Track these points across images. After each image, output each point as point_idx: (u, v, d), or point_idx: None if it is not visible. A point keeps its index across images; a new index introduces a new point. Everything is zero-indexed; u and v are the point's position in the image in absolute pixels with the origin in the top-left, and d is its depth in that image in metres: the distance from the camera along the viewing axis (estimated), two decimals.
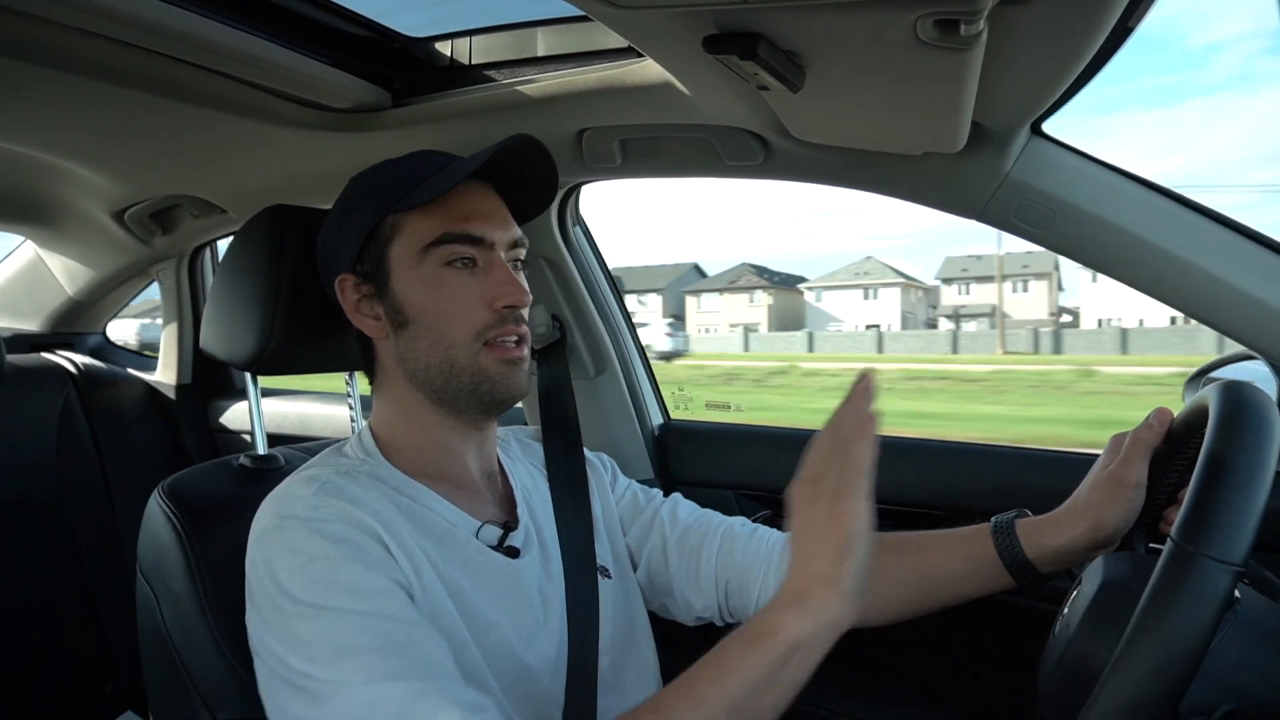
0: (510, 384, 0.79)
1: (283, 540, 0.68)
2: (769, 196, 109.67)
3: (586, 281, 1.45)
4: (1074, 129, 14.76)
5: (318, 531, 0.67)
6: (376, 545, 0.69)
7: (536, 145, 0.80)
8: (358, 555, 0.67)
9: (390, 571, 0.68)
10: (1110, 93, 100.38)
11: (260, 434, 1.06)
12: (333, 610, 0.63)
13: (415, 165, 0.81)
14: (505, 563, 0.79)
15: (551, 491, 0.91)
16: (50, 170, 1.47)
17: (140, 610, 0.90)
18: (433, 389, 0.79)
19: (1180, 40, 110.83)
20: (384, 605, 0.65)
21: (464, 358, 0.77)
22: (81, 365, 1.84)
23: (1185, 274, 0.93)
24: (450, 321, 0.77)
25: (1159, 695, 0.52)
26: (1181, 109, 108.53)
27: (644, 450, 1.47)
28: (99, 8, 0.82)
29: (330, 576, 0.65)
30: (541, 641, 0.78)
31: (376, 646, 0.62)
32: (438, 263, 0.77)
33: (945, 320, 37.11)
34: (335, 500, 0.71)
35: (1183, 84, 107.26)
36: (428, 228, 0.77)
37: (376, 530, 0.70)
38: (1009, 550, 0.80)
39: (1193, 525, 0.56)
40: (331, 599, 0.64)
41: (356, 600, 0.64)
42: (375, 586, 0.66)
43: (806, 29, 0.65)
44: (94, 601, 1.72)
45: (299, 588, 0.65)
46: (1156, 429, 0.78)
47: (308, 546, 0.67)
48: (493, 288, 0.77)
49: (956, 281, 38.57)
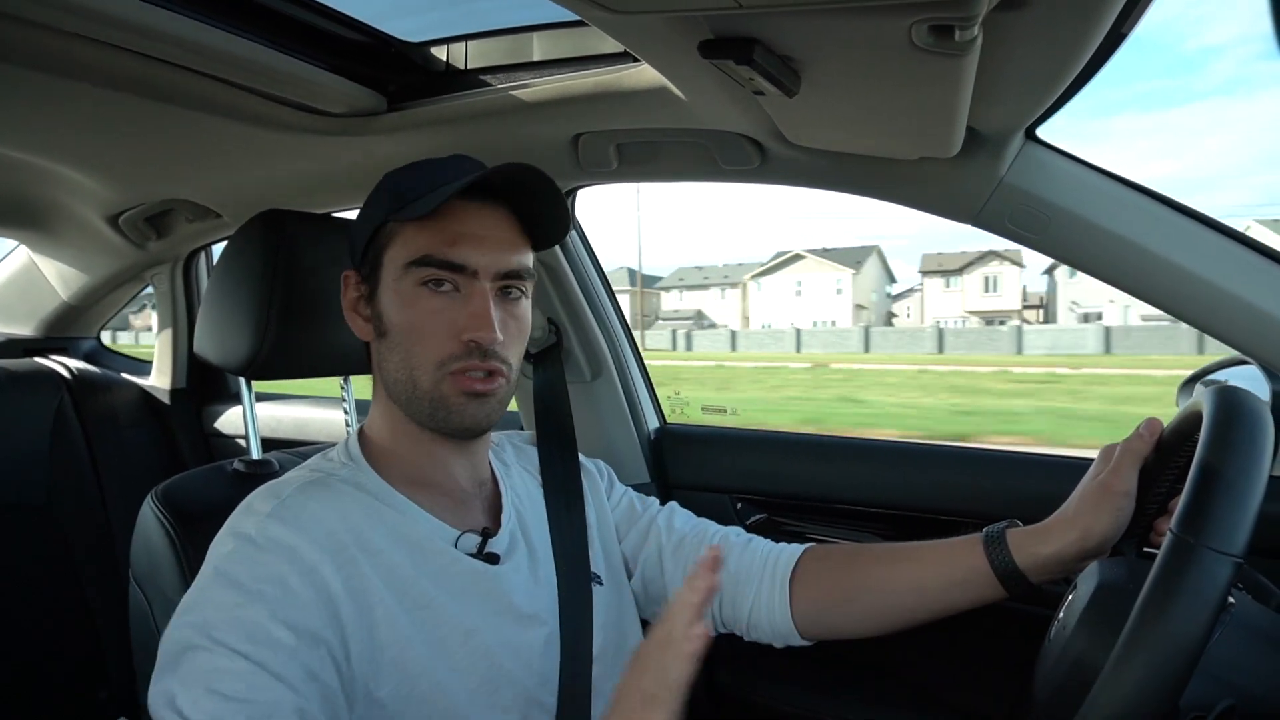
0: (468, 416, 0.76)
1: (220, 552, 0.69)
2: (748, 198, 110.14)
3: (582, 286, 1.44)
4: (1069, 132, 15.11)
5: (247, 559, 0.67)
6: (304, 586, 0.67)
7: (537, 175, 0.75)
8: (275, 596, 0.66)
9: (301, 618, 0.66)
10: (1108, 96, 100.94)
11: (254, 439, 1.05)
12: (224, 648, 0.63)
13: (436, 171, 0.79)
14: (483, 569, 0.78)
15: (545, 497, 0.90)
16: (44, 174, 1.46)
17: (133, 616, 0.89)
18: (400, 403, 0.78)
19: (1178, 44, 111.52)
20: (272, 658, 0.63)
21: (426, 382, 0.75)
22: (75, 370, 1.83)
23: (1179, 279, 0.93)
24: (415, 342, 0.75)
25: (1161, 688, 0.53)
26: (1178, 113, 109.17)
27: (640, 454, 1.47)
28: (93, 12, 0.82)
29: (238, 611, 0.64)
30: (524, 646, 0.78)
31: (241, 696, 0.61)
32: (415, 281, 0.75)
33: (663, 321, 42.21)
34: (286, 527, 0.70)
35: (1180, 89, 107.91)
36: (416, 244, 0.75)
37: (316, 566, 0.68)
38: (1000, 560, 0.80)
39: (1192, 517, 0.57)
40: (227, 636, 0.63)
41: (250, 645, 0.63)
42: (274, 637, 0.64)
43: (802, 34, 0.65)
44: (87, 607, 1.71)
45: (209, 609, 0.65)
46: (1147, 439, 0.78)
47: (234, 572, 0.67)
48: (464, 319, 0.74)
49: (676, 289, 45.07)
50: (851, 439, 1.43)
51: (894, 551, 0.89)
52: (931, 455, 1.29)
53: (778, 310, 38.92)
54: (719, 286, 42.88)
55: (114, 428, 1.84)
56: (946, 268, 37.43)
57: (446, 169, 0.80)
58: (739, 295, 41.65)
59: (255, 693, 0.61)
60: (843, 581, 0.89)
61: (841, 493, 1.32)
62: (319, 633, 0.66)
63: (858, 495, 1.31)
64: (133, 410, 1.91)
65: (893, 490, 1.28)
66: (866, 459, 1.34)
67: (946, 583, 0.84)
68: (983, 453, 1.29)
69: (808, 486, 1.35)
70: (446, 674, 0.71)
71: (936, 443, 1.34)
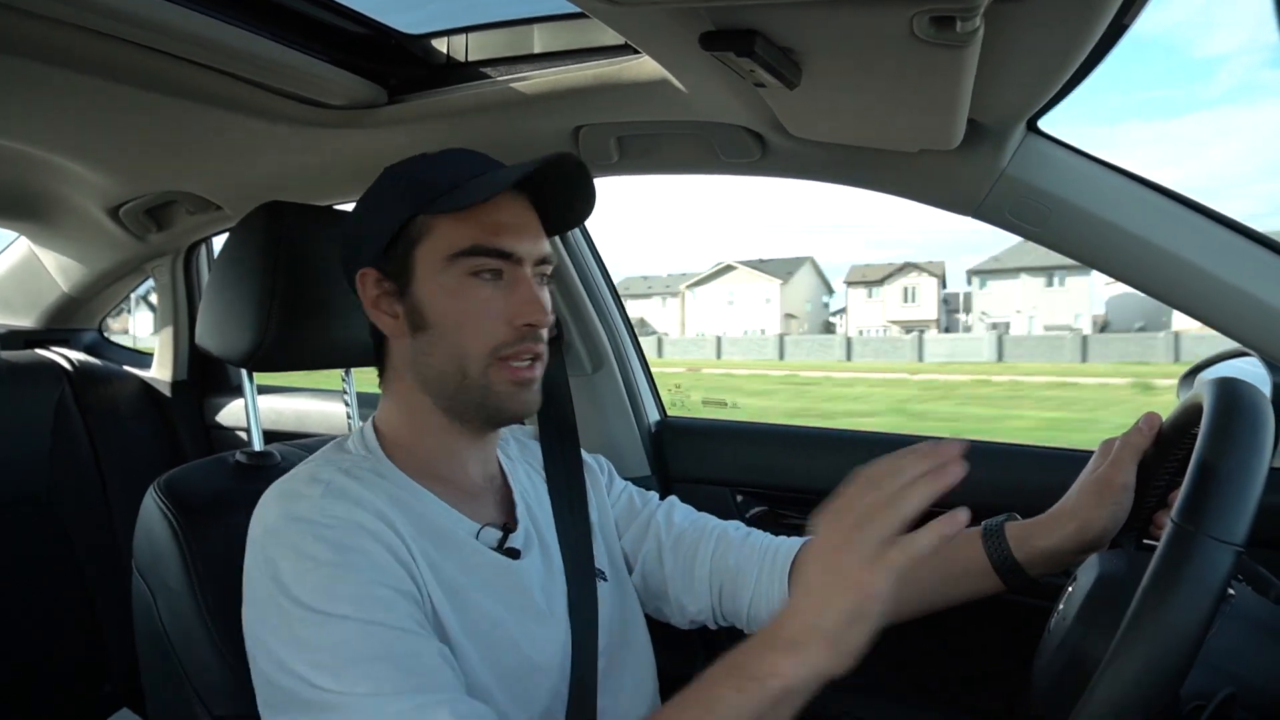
0: (517, 403, 0.78)
1: (288, 542, 0.68)
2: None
3: (583, 279, 1.44)
4: (1072, 138, 15.22)
5: (323, 538, 0.67)
6: (383, 552, 0.68)
7: (580, 167, 0.78)
8: (363, 563, 0.67)
9: (395, 580, 0.68)
10: (1112, 102, 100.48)
11: (256, 430, 1.05)
12: (337, 618, 0.63)
13: (452, 165, 0.79)
14: (506, 564, 0.79)
15: (550, 492, 0.91)
16: (45, 166, 1.46)
17: (136, 608, 0.90)
18: (443, 396, 0.78)
19: (1185, 50, 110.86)
20: (388, 615, 0.64)
21: (476, 371, 0.76)
22: (76, 362, 1.84)
23: (1180, 270, 0.93)
24: (468, 333, 0.76)
25: (1161, 678, 0.53)
26: (1181, 122, 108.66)
27: (640, 447, 1.47)
28: (95, 5, 0.82)
29: (335, 585, 0.65)
30: (546, 639, 0.78)
31: (381, 655, 0.62)
32: (463, 272, 0.75)
33: None
34: (342, 503, 0.70)
35: (1185, 97, 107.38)
36: (458, 235, 0.75)
37: (383, 534, 0.69)
38: (999, 553, 0.80)
39: (1193, 506, 0.57)
40: (336, 606, 0.64)
41: (361, 609, 0.64)
42: (379, 596, 0.65)
43: (803, 26, 0.65)
44: (90, 599, 1.72)
45: (304, 592, 0.65)
46: (1146, 433, 0.78)
47: (314, 551, 0.66)
48: (515, 304, 0.76)
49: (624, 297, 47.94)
50: (852, 431, 1.43)
51: None
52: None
53: (712, 319, 40.17)
54: (660, 296, 44.11)
55: (115, 419, 1.85)
56: (869, 279, 39.21)
57: (463, 162, 0.80)
58: (679, 304, 42.95)
59: (389, 647, 0.63)
60: None
61: (843, 485, 1.32)
62: (411, 592, 0.68)
63: None
64: (134, 402, 1.91)
65: None
66: (867, 451, 1.33)
67: (945, 576, 0.84)
68: (982, 445, 1.29)
69: (809, 479, 1.36)
70: (479, 663, 0.72)
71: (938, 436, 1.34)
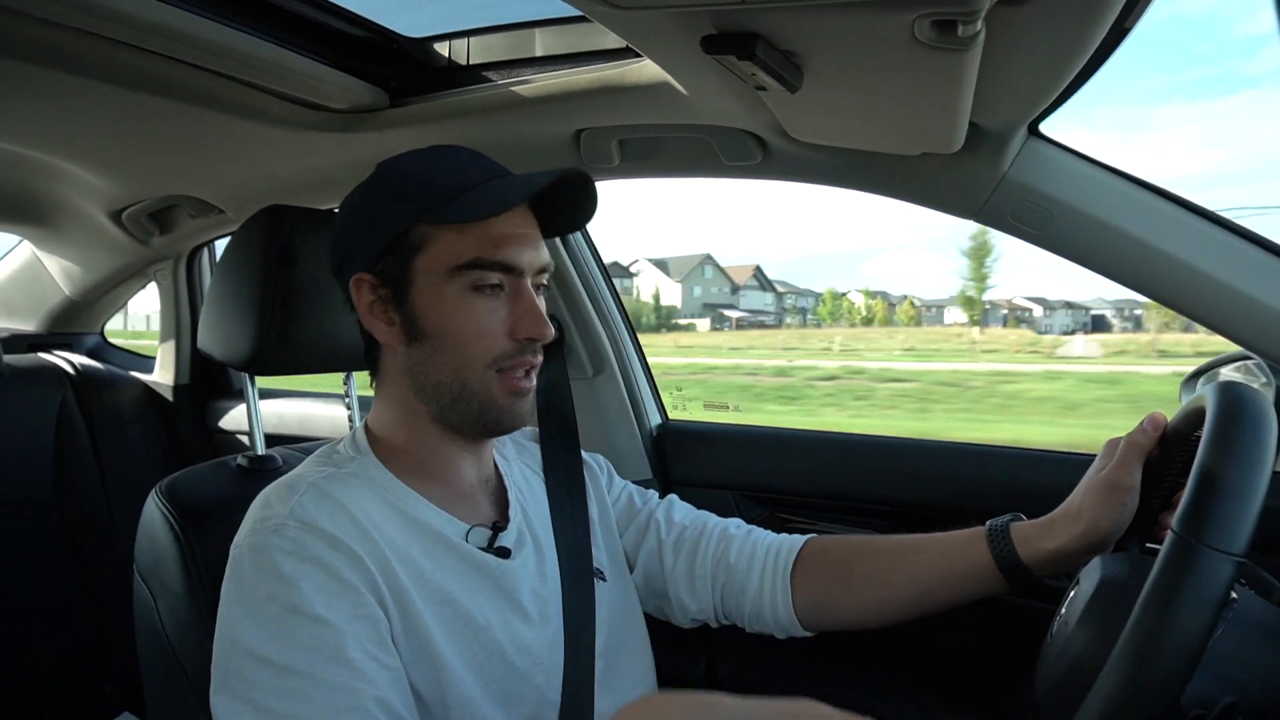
0: (514, 415, 0.78)
1: (251, 560, 0.68)
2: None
3: (584, 282, 1.44)
4: (1111, 121, 14.85)
5: (286, 552, 0.67)
6: (350, 567, 0.68)
7: (586, 180, 0.78)
8: (320, 586, 0.66)
9: (354, 605, 0.66)
10: (1152, 83, 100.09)
11: (258, 434, 1.05)
12: (287, 670, 0.62)
13: (450, 166, 0.78)
14: (496, 563, 0.78)
15: (549, 493, 0.90)
16: (47, 170, 1.47)
17: (138, 611, 0.90)
18: (439, 405, 0.78)
19: (1227, 30, 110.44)
20: (341, 648, 0.63)
21: (476, 382, 0.76)
22: (79, 365, 1.84)
23: (1182, 274, 0.93)
24: (469, 345, 0.75)
25: (1162, 686, 0.53)
26: (1226, 102, 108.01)
27: (642, 451, 1.47)
28: (98, 8, 0.82)
29: (289, 615, 0.64)
30: (533, 643, 0.78)
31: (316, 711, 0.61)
32: (465, 285, 0.74)
33: None
34: (322, 507, 0.70)
35: (1229, 75, 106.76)
36: (460, 248, 0.74)
37: (351, 545, 0.69)
38: (1003, 554, 0.80)
39: (1193, 516, 0.57)
40: (285, 656, 0.63)
41: (308, 661, 0.63)
42: (329, 634, 0.64)
43: (804, 30, 0.65)
44: (92, 602, 1.72)
45: (257, 641, 0.64)
46: (1151, 433, 0.78)
47: (280, 568, 0.66)
48: (517, 317, 0.75)
49: None
50: (854, 435, 1.43)
51: (897, 544, 0.88)
52: (934, 450, 1.29)
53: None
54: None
55: (118, 423, 1.85)
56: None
57: (461, 163, 0.79)
58: None
59: (317, 688, 0.62)
60: (845, 573, 0.89)
61: (844, 488, 1.32)
62: (360, 613, 0.67)
63: (860, 490, 1.31)
64: (136, 406, 1.92)
65: (896, 485, 1.28)
66: (869, 454, 1.34)
67: (949, 575, 0.84)
68: (986, 448, 1.29)
69: (810, 482, 1.35)
70: (464, 670, 0.71)
71: (940, 439, 1.34)
